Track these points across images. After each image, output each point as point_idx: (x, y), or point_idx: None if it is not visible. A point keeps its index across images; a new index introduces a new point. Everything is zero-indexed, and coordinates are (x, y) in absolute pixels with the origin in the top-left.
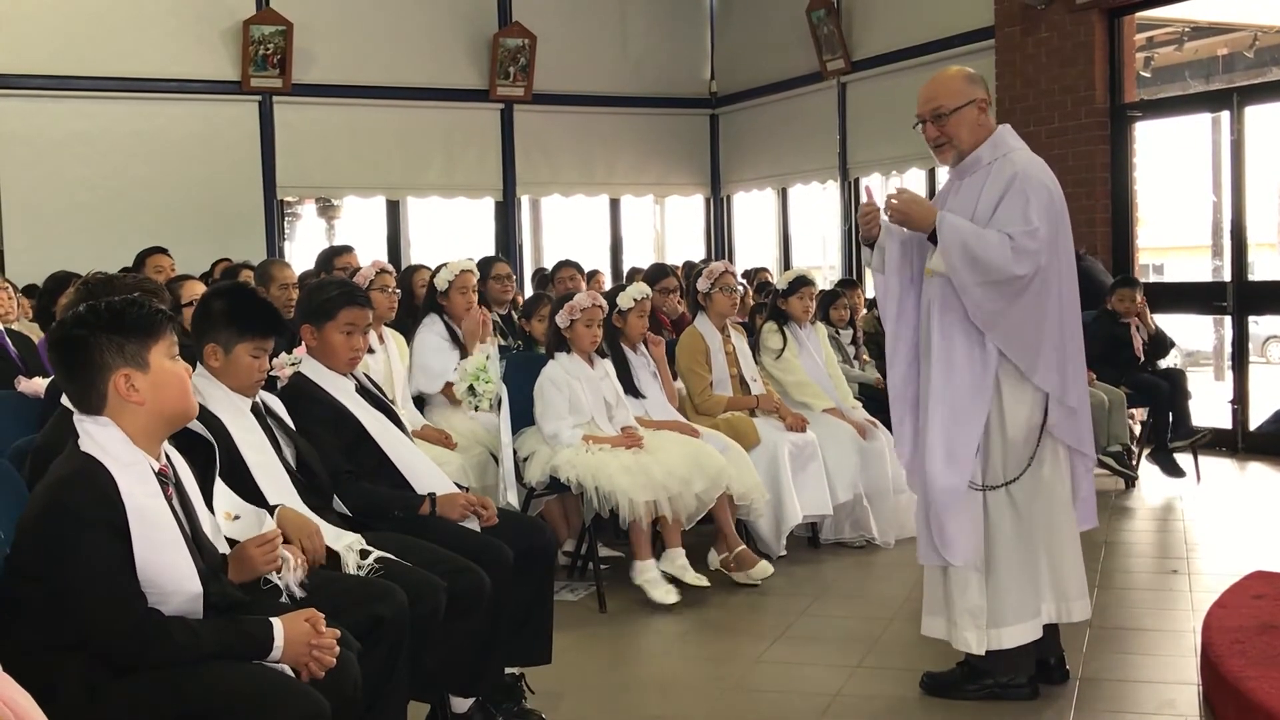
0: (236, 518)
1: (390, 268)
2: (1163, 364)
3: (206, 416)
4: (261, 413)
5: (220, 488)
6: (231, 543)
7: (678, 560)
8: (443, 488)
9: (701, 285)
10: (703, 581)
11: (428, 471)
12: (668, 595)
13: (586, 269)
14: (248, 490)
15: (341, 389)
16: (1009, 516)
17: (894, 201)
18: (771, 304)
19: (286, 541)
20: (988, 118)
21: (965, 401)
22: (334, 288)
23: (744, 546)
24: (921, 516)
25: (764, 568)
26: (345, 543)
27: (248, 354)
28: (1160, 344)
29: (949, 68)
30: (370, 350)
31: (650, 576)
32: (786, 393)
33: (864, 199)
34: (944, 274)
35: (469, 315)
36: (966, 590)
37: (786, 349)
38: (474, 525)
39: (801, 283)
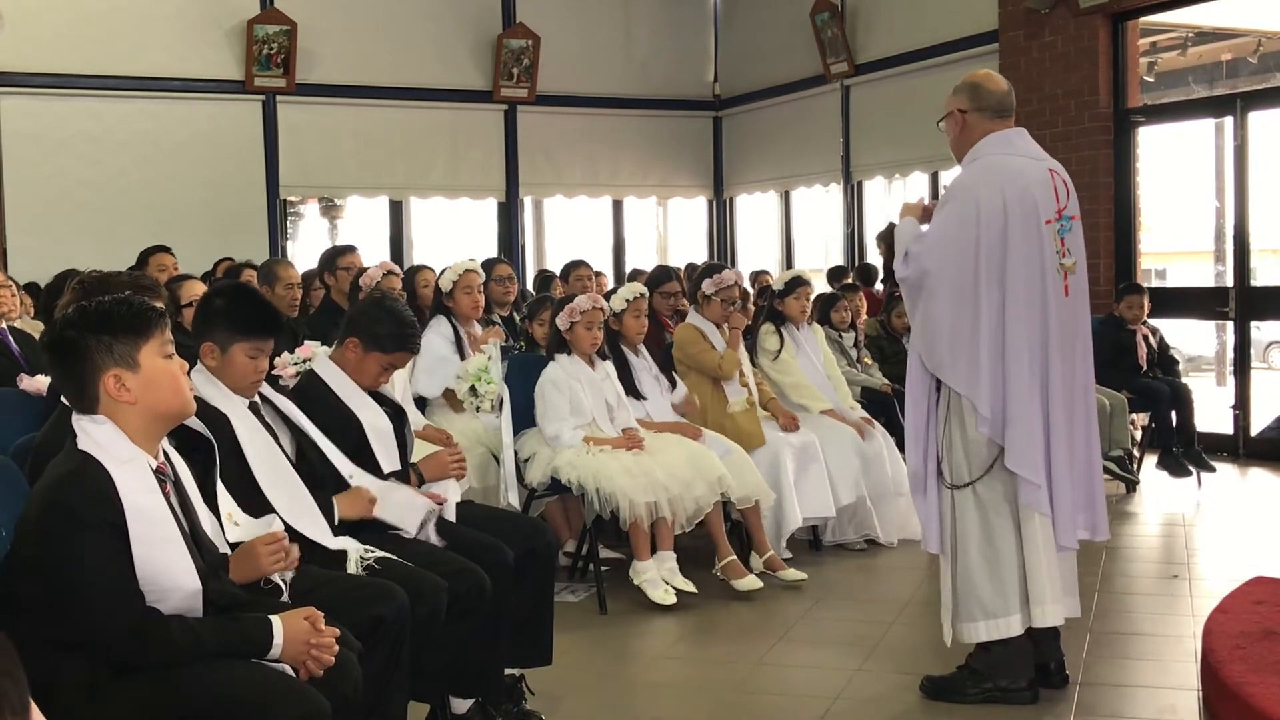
0: (237, 524)
1: (397, 269)
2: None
3: (211, 412)
4: (260, 409)
5: (222, 492)
6: (233, 546)
7: (667, 563)
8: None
9: (706, 288)
10: (689, 587)
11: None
12: (666, 596)
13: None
14: (249, 487)
15: (351, 392)
16: (974, 515)
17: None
18: (768, 305)
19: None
20: (968, 125)
21: (912, 397)
22: (398, 325)
23: (734, 557)
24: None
25: (751, 581)
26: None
27: (244, 354)
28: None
29: (966, 75)
30: None
31: (649, 577)
32: (784, 394)
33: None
34: None
35: (472, 318)
36: (944, 582)
37: (784, 350)
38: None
39: (797, 283)
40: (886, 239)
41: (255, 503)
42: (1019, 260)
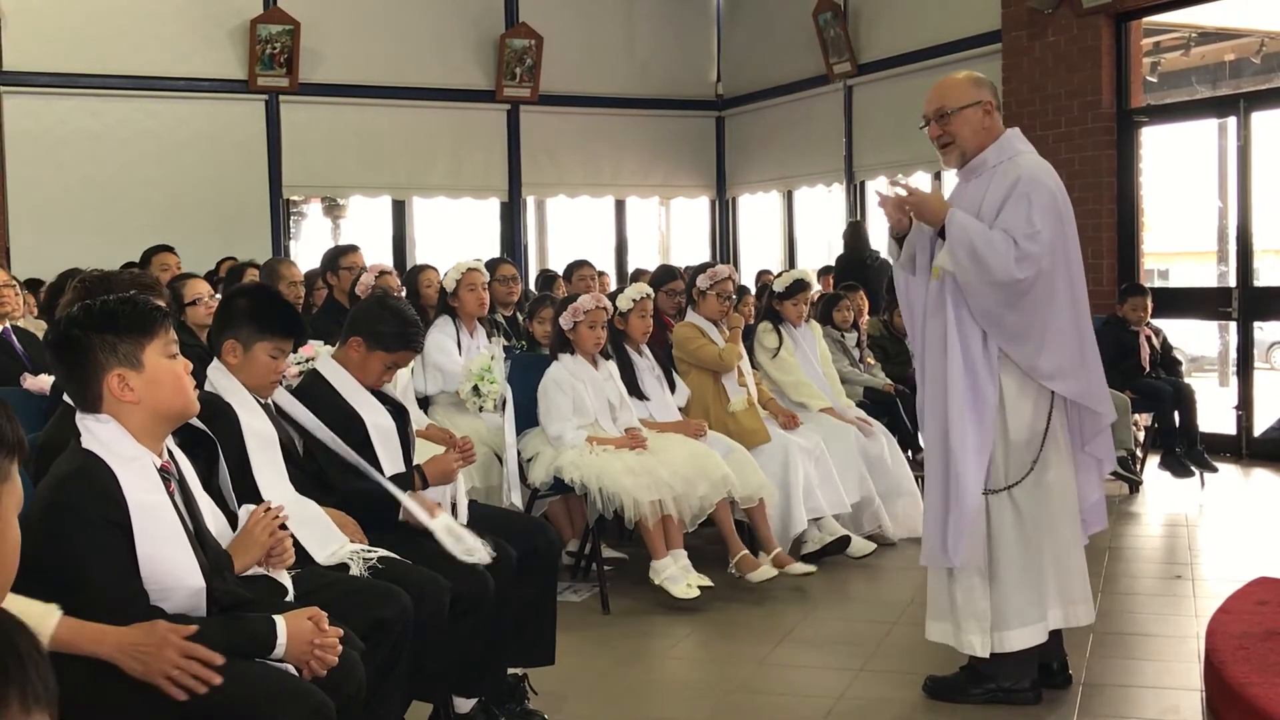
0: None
1: (391, 269)
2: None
3: (221, 406)
4: (273, 411)
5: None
6: None
7: (679, 561)
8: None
9: (701, 283)
10: (707, 581)
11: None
12: (689, 591)
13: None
14: (246, 481)
15: (354, 390)
16: (1011, 520)
17: (908, 194)
18: (766, 304)
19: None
20: (994, 120)
21: (984, 402)
22: (400, 324)
23: (745, 552)
24: (928, 515)
25: (765, 570)
26: (350, 549)
27: (266, 353)
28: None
29: (959, 71)
30: None
31: (669, 574)
32: (783, 392)
33: (886, 191)
34: (950, 271)
35: (477, 316)
36: (972, 594)
37: (783, 348)
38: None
39: (799, 288)
40: (850, 235)
41: (255, 502)
42: (1076, 253)
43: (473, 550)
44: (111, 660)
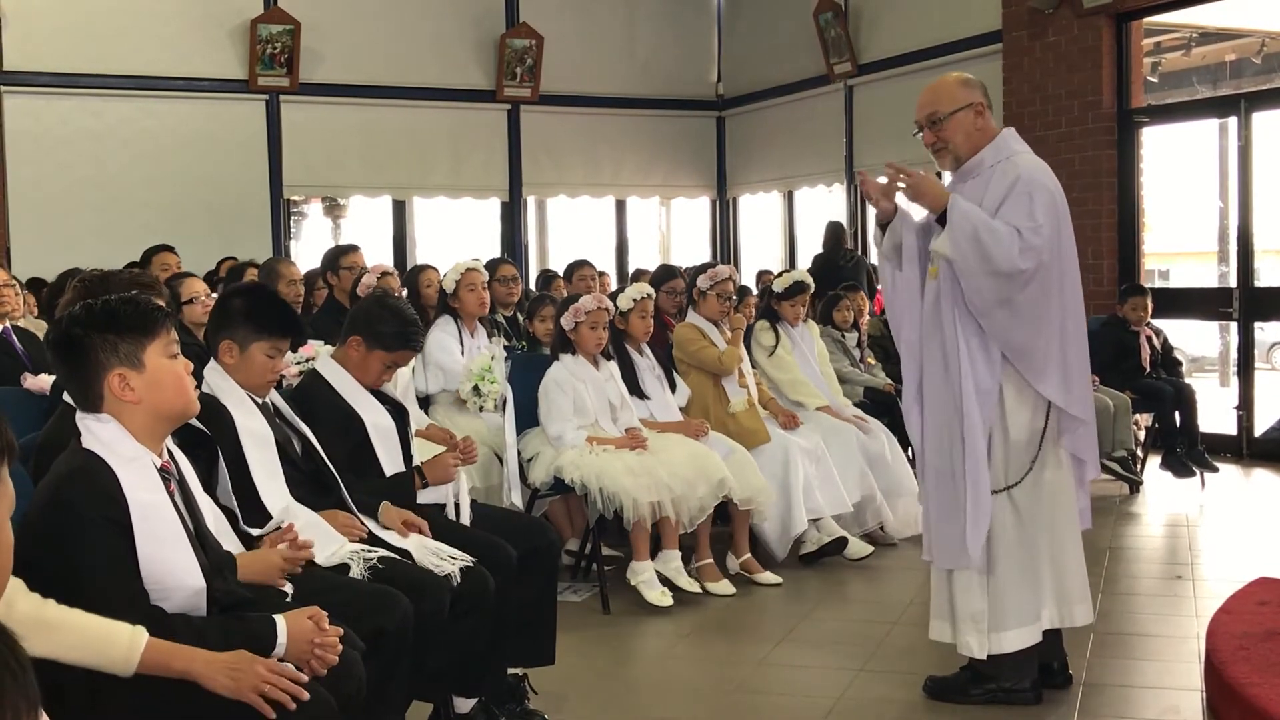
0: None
1: (393, 270)
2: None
3: (216, 407)
4: (270, 411)
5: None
6: (248, 544)
7: (672, 563)
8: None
9: (701, 283)
10: (694, 586)
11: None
12: (662, 598)
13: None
14: (246, 486)
15: (353, 390)
16: (1010, 520)
17: (906, 176)
18: (765, 303)
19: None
20: (986, 121)
21: (987, 399)
22: (401, 324)
23: (710, 560)
24: (938, 517)
25: (724, 586)
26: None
27: (263, 353)
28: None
29: (947, 74)
30: None
31: (646, 578)
32: (781, 391)
33: (877, 179)
34: (948, 258)
35: (477, 315)
36: (969, 594)
37: (780, 346)
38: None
39: (799, 289)
40: (829, 236)
41: (254, 503)
42: (1072, 256)
43: (440, 566)
44: (201, 680)
